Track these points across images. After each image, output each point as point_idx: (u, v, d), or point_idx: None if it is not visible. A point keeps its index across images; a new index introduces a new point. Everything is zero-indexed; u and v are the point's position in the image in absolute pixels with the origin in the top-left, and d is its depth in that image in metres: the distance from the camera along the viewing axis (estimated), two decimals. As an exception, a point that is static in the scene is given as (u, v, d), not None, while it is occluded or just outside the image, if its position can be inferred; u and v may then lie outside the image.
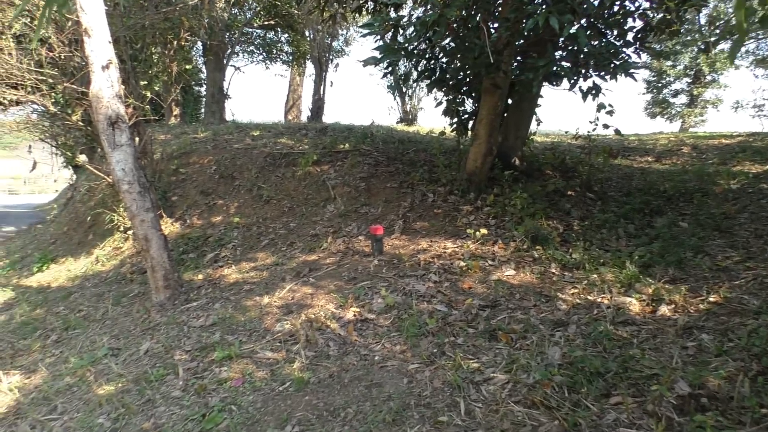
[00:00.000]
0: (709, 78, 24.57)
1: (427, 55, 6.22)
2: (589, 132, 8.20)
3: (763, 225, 5.36)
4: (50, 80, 6.03)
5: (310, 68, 19.67)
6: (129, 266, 7.30)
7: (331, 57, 15.62)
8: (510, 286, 4.76)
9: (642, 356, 3.43)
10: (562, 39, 5.01)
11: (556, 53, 5.84)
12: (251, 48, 17.36)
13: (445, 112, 7.65)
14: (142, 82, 7.24)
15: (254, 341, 4.48)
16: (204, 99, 19.15)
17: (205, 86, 18.37)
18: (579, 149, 9.32)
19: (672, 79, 26.22)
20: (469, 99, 7.62)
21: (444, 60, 6.42)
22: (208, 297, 5.68)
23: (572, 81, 5.42)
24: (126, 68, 6.46)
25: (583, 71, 5.35)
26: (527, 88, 5.85)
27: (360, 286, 5.09)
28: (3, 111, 7.48)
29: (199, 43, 14.21)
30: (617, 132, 8.62)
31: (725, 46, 22.06)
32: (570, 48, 5.02)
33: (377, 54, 5.29)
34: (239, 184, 8.36)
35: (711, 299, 4.11)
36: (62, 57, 6.11)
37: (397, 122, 19.41)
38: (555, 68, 5.12)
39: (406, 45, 5.38)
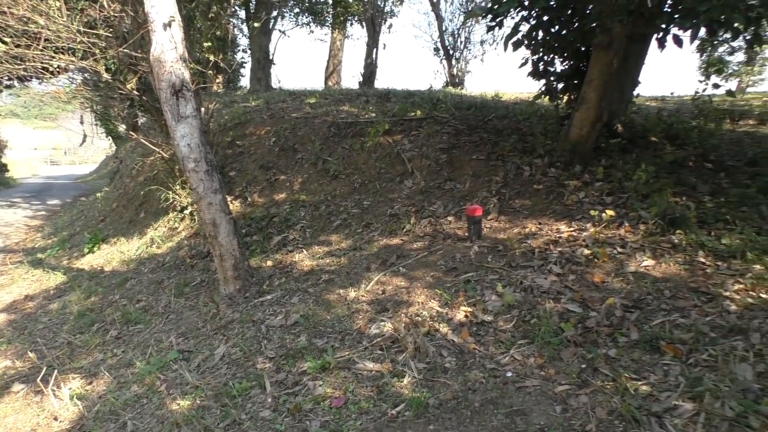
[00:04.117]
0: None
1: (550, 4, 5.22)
2: (699, 92, 7.31)
3: None
4: (102, 43, 5.30)
5: (353, 31, 18.64)
6: (187, 249, 6.69)
7: (384, 18, 14.54)
8: (654, 280, 3.90)
9: None
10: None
11: None
12: (296, 10, 16.41)
13: (533, 74, 6.73)
14: (205, 44, 6.46)
15: (349, 347, 3.78)
16: (244, 65, 18.52)
17: (245, 52, 17.65)
18: (674, 113, 8.25)
19: (730, 36, 24.02)
20: (560, 58, 6.68)
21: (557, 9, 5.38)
22: (283, 288, 5.00)
23: (741, 29, 4.44)
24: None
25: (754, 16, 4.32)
26: (678, 43, 4.90)
27: (465, 279, 4.31)
28: (48, 80, 6.80)
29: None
30: (729, 93, 7.59)
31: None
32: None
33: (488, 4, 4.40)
34: (302, 157, 7.58)
35: None
36: (114, 18, 5.38)
37: (443, 86, 18.36)
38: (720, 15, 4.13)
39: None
